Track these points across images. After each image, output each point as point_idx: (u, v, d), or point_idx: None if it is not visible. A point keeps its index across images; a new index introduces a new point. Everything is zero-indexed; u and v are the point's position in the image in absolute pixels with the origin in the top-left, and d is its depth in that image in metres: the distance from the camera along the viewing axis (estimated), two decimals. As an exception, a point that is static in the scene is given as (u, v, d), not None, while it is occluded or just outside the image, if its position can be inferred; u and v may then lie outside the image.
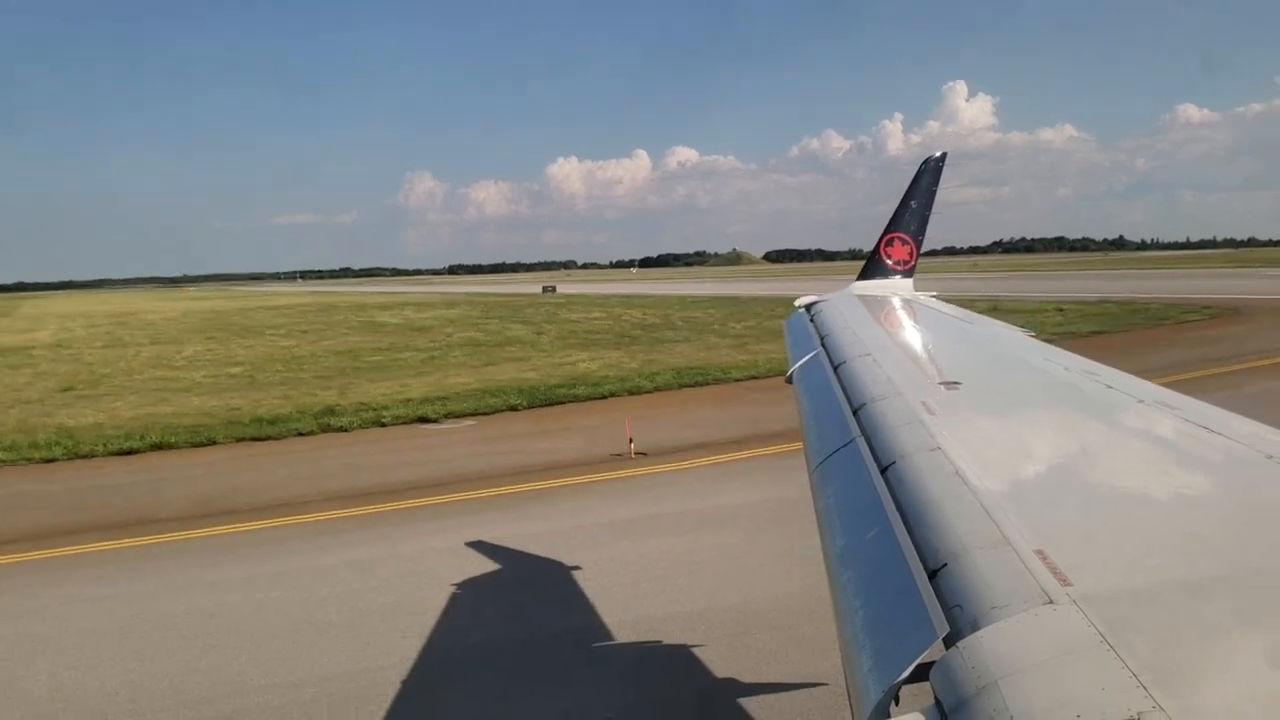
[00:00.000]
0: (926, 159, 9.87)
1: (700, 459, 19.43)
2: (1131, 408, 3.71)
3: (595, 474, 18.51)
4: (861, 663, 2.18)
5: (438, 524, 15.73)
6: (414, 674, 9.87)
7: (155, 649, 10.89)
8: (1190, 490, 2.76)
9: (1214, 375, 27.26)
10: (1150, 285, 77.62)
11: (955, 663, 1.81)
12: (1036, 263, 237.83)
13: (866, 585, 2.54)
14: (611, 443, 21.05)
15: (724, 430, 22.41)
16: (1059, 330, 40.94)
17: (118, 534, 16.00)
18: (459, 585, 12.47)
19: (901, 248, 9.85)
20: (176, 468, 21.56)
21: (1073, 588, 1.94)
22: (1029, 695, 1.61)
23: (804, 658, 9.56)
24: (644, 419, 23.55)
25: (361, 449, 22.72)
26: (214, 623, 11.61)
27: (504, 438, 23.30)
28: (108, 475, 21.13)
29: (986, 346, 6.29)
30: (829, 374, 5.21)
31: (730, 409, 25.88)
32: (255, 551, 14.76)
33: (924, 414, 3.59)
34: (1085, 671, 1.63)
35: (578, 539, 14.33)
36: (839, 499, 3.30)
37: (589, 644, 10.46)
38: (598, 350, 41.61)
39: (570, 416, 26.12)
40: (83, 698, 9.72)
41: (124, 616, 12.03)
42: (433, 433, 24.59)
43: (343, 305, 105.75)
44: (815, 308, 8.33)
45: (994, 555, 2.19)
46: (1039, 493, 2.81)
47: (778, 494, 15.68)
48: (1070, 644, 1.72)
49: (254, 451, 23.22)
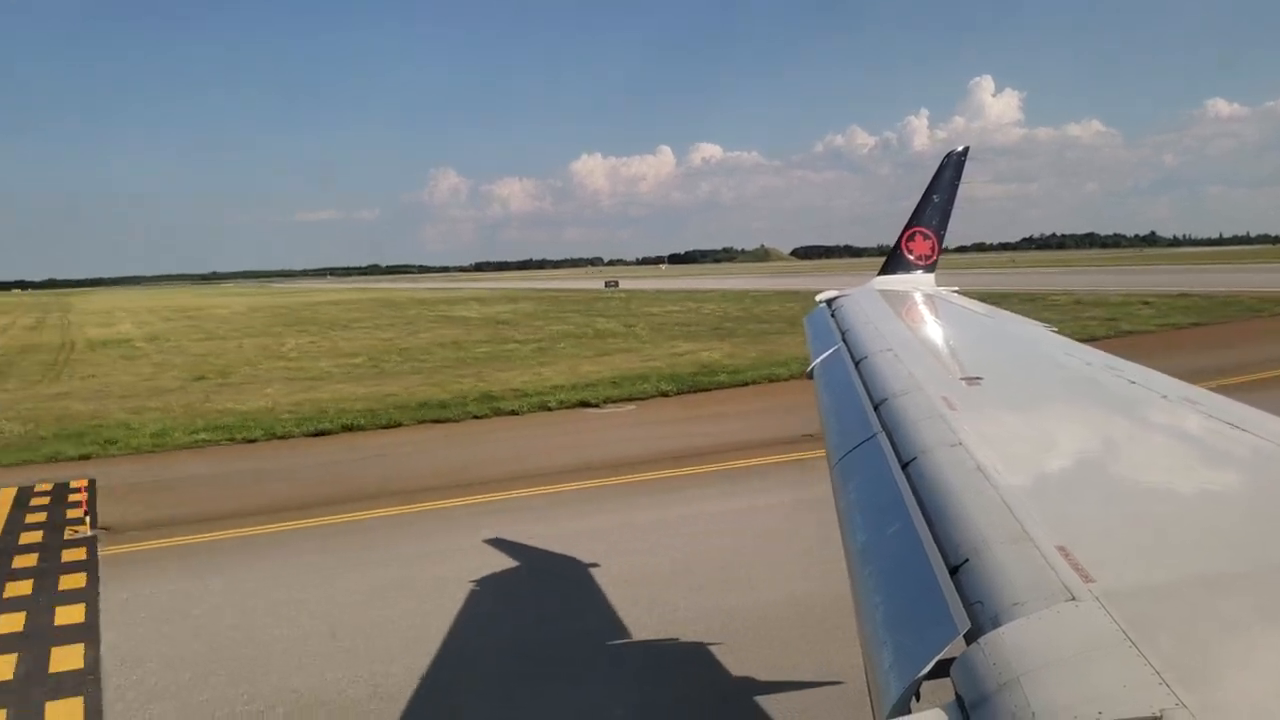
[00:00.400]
0: (949, 153, 9.81)
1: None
2: (1155, 403, 3.69)
3: (802, 452, 18.53)
4: (882, 658, 2.19)
5: (699, 491, 16.59)
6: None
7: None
8: (1213, 486, 2.75)
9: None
10: (1211, 279, 75.50)
11: (977, 659, 1.81)
12: (1073, 258, 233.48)
13: (888, 581, 2.55)
14: (782, 426, 21.20)
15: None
16: (1157, 323, 40.76)
17: (420, 498, 16.86)
18: (780, 539, 13.45)
19: (923, 243, 9.79)
20: (391, 446, 22.32)
21: (1095, 584, 1.93)
22: (1051, 691, 1.61)
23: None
24: (801, 405, 24.32)
25: (545, 430, 23.56)
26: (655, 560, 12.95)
27: (674, 420, 24.08)
28: (326, 452, 22.05)
29: (1008, 342, 6.25)
30: (850, 369, 5.20)
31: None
32: (589, 508, 15.94)
33: (945, 409, 3.57)
34: (1107, 668, 1.62)
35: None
36: (860, 494, 3.30)
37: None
38: (703, 341, 41.91)
39: (718, 403, 26.69)
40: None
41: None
42: (596, 416, 25.44)
43: (401, 300, 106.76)
44: (836, 303, 8.29)
45: (1016, 551, 2.18)
46: (1061, 488, 2.80)
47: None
48: (1092, 640, 1.72)
49: (449, 432, 24.09)
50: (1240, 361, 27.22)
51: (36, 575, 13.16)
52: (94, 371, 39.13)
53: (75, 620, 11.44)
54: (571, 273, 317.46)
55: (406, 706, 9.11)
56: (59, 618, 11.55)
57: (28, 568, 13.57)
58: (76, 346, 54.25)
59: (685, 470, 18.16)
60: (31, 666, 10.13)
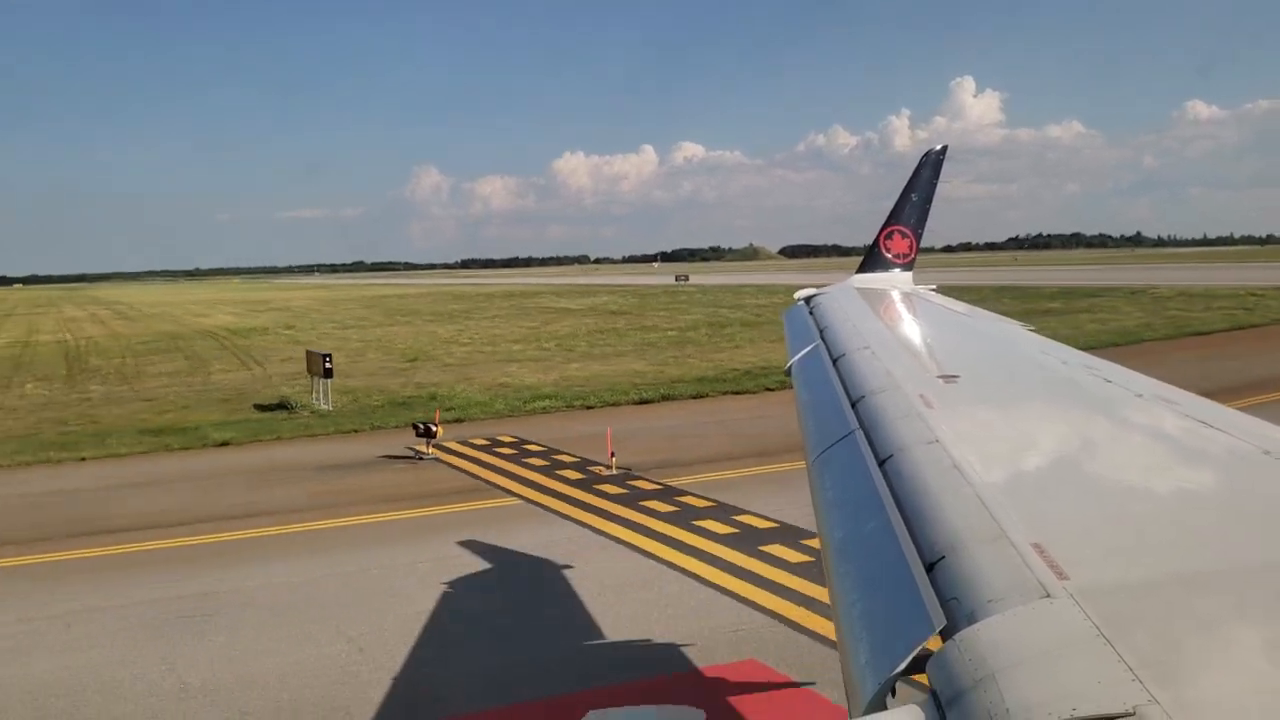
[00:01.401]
0: (927, 152, 9.84)
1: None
2: (1130, 402, 3.71)
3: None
4: (859, 655, 2.19)
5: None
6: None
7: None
8: (1188, 485, 2.76)
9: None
10: (1245, 276, 75.64)
11: (952, 655, 1.81)
12: (1072, 258, 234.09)
13: (864, 578, 2.55)
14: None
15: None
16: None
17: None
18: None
19: (901, 241, 9.81)
20: (729, 412, 24.68)
21: (1069, 581, 1.94)
22: (1025, 688, 1.61)
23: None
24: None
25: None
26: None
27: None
28: (687, 415, 24.41)
29: (985, 340, 6.28)
30: (828, 367, 5.20)
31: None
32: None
33: (922, 407, 3.58)
34: (1081, 665, 1.63)
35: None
36: (837, 491, 3.30)
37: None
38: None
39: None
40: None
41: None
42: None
43: (469, 294, 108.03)
44: (814, 300, 8.29)
45: (991, 549, 2.18)
46: (1036, 486, 2.81)
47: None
48: (1067, 637, 1.72)
49: (762, 401, 25.81)
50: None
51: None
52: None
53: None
54: (560, 270, 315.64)
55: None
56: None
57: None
58: (234, 335, 56.60)
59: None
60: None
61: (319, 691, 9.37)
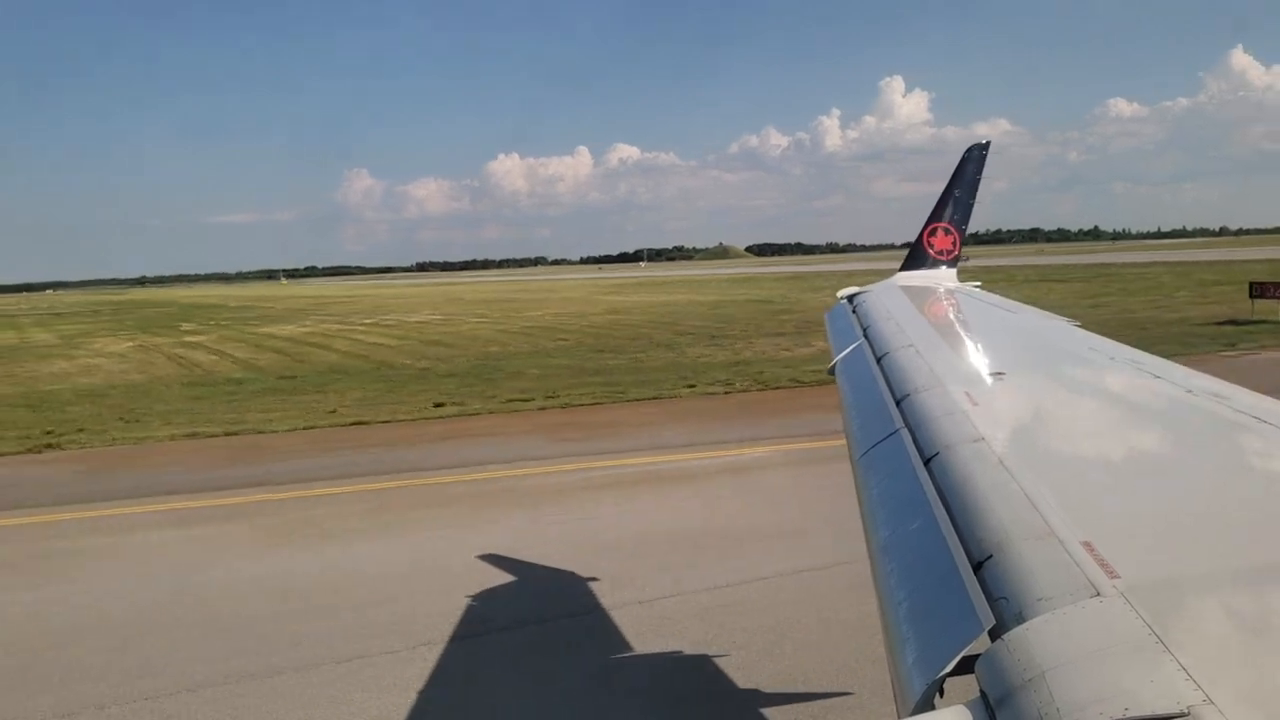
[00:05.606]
0: (970, 147, 9.73)
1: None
2: (1180, 399, 3.65)
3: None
4: (906, 655, 2.18)
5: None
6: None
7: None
8: (1240, 481, 2.72)
9: None
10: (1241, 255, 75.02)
11: (1001, 655, 1.80)
12: (1058, 249, 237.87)
13: (911, 577, 2.54)
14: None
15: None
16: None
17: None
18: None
19: (945, 237, 9.72)
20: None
21: (1120, 580, 1.92)
22: (1076, 688, 1.60)
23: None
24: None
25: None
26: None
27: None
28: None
29: (1031, 336, 6.20)
30: (872, 366, 5.18)
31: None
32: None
33: (967, 405, 3.56)
34: (1133, 664, 1.61)
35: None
36: (882, 491, 3.29)
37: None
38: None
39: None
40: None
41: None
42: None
43: (521, 298, 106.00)
44: (858, 299, 8.25)
45: (1040, 547, 2.17)
46: (1085, 484, 2.78)
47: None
48: (1118, 636, 1.71)
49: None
50: None
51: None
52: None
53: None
54: (555, 268, 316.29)
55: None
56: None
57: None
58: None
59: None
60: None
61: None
